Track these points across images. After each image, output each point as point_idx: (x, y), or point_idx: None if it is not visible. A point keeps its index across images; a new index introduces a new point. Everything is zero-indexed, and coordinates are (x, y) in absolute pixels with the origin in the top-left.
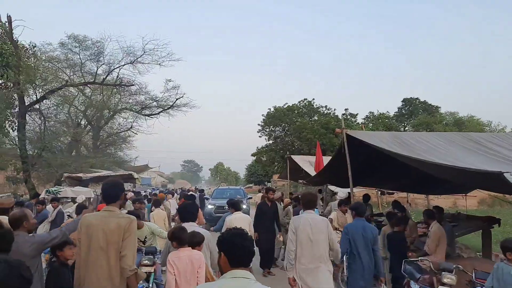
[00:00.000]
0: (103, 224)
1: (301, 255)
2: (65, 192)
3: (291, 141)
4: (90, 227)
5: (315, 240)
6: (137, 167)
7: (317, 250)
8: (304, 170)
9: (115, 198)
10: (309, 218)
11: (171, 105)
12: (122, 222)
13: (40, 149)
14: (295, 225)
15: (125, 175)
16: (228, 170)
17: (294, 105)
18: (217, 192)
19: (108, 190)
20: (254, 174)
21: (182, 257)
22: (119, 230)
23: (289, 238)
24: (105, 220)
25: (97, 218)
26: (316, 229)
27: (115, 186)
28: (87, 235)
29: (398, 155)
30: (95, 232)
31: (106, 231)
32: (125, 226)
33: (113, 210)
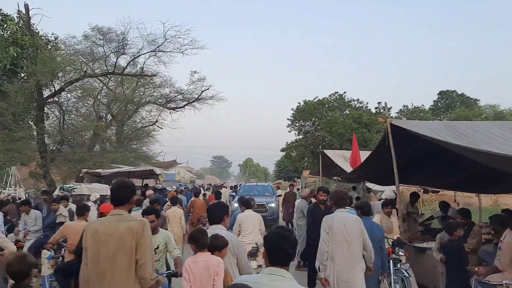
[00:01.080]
0: (112, 229)
1: (336, 256)
2: (80, 189)
3: (322, 136)
4: (97, 234)
5: (350, 240)
6: (165, 163)
7: (353, 250)
8: (338, 165)
9: (125, 201)
10: (342, 217)
11: (197, 97)
12: (134, 225)
13: (59, 143)
14: (329, 225)
15: (147, 171)
16: (257, 166)
17: (325, 98)
18: (244, 189)
19: (117, 191)
20: (284, 170)
21: (199, 262)
22: (131, 235)
23: (322, 238)
24: (114, 225)
25: (104, 224)
26: (350, 229)
27: (125, 187)
28: (94, 243)
29: (459, 148)
30: (103, 239)
31: (116, 237)
32: (138, 229)
33: (122, 213)
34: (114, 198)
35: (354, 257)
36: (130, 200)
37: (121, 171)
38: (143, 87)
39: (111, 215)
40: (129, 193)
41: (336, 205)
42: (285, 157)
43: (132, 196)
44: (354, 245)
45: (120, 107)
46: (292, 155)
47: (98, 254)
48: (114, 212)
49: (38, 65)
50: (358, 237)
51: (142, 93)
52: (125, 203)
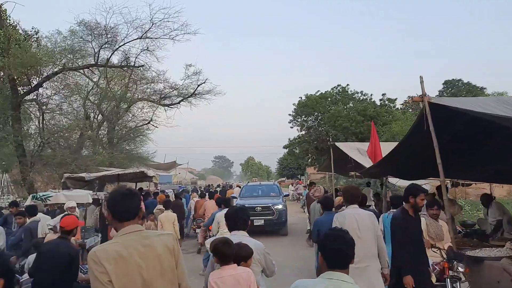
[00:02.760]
0: (145, 251)
1: None
2: (56, 198)
3: (325, 130)
4: (123, 260)
5: (363, 237)
6: (165, 164)
7: (366, 248)
8: (353, 159)
9: (135, 213)
10: (354, 214)
11: (193, 92)
12: (167, 240)
13: (39, 146)
14: (340, 222)
15: (138, 173)
16: (259, 164)
17: (327, 92)
18: (246, 190)
19: (121, 203)
20: (287, 167)
21: (226, 277)
22: (169, 253)
23: None
24: (144, 244)
25: (127, 246)
26: (363, 225)
27: (130, 195)
28: (121, 273)
29: None
30: (134, 265)
31: (153, 259)
32: (174, 245)
33: (141, 228)
34: (119, 212)
35: (367, 255)
36: (138, 212)
37: (107, 174)
38: (134, 83)
39: (127, 233)
40: (137, 203)
41: (348, 201)
42: (288, 154)
43: (140, 207)
44: (367, 243)
45: (111, 105)
46: (296, 152)
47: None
48: (128, 229)
49: (9, 58)
50: (371, 234)
51: (134, 89)
52: (135, 216)
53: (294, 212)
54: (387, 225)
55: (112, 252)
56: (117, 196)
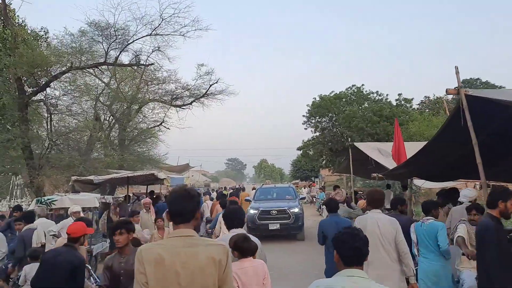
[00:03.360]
0: (185, 257)
1: (374, 259)
2: (61, 202)
3: (340, 131)
4: (163, 264)
5: (385, 243)
6: (177, 167)
7: (388, 253)
8: (373, 160)
9: (189, 216)
10: (376, 218)
11: (205, 92)
12: (215, 252)
13: (47, 148)
14: (361, 226)
15: (148, 176)
16: (272, 166)
17: (342, 92)
18: (261, 192)
19: (177, 204)
20: (300, 169)
21: (247, 268)
22: (214, 266)
23: None
24: (187, 251)
25: (169, 249)
26: (385, 230)
27: (188, 197)
28: (160, 276)
29: None
30: (172, 271)
31: (192, 269)
32: (222, 258)
33: (192, 234)
34: (174, 214)
35: (390, 260)
36: (195, 215)
37: (116, 177)
38: (146, 83)
39: (176, 236)
40: (194, 206)
41: (371, 205)
42: (302, 156)
43: (198, 209)
44: (390, 248)
45: (122, 107)
46: (310, 154)
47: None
48: (178, 232)
49: (15, 57)
50: (393, 239)
51: (145, 90)
52: (190, 219)
53: (310, 215)
54: (423, 235)
55: (155, 253)
56: (174, 197)
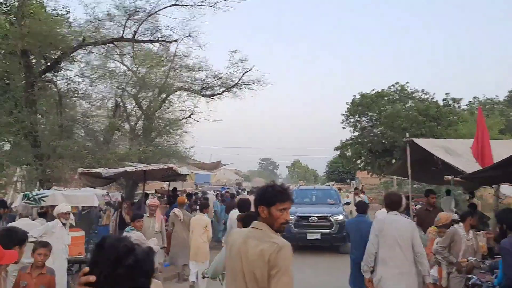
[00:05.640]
0: (244, 248)
1: (389, 259)
2: (53, 198)
3: (381, 132)
4: (233, 249)
5: (403, 244)
6: (209, 164)
7: (405, 254)
8: (440, 159)
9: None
10: (393, 220)
11: (237, 81)
12: (266, 249)
13: (57, 135)
14: (379, 228)
15: (166, 170)
16: (306, 167)
17: (384, 90)
18: (297, 195)
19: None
20: (335, 171)
21: None
22: (262, 262)
23: (371, 240)
24: (249, 242)
25: (239, 238)
26: (402, 232)
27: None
28: (228, 260)
29: None
30: (235, 259)
31: (245, 260)
32: (270, 256)
33: (261, 227)
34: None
35: (407, 261)
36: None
37: (129, 170)
38: (172, 69)
39: (252, 227)
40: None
41: (389, 207)
42: (339, 157)
43: (258, 205)
44: (407, 249)
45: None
46: (347, 155)
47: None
48: (254, 223)
49: (21, 29)
50: (410, 241)
51: (173, 77)
52: (259, 214)
53: None
54: None
55: (232, 238)
56: (258, 189)
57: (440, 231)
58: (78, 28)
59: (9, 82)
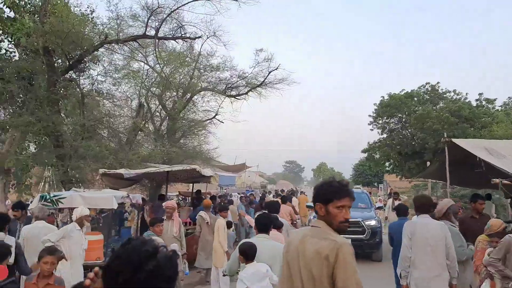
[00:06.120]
0: (302, 247)
1: (420, 262)
2: (70, 200)
3: (411, 133)
4: (291, 248)
5: (434, 247)
6: (234, 166)
7: (437, 258)
8: (483, 161)
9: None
10: (425, 223)
11: (263, 80)
12: (325, 247)
13: (80, 135)
14: (411, 231)
15: (190, 172)
16: (331, 170)
17: (413, 91)
18: None
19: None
20: (362, 174)
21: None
22: (318, 260)
23: (404, 244)
24: (307, 241)
25: (296, 236)
26: (434, 234)
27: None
28: (286, 260)
29: None
30: (292, 257)
31: (302, 260)
32: (329, 255)
33: (319, 225)
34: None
35: (438, 265)
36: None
37: (151, 171)
38: (196, 68)
39: (311, 225)
40: (313, 199)
41: (419, 211)
42: (367, 159)
43: (315, 202)
44: (438, 252)
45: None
46: (375, 157)
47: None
48: (313, 221)
49: (43, 26)
50: (442, 243)
51: (198, 77)
52: (317, 211)
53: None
54: None
55: (291, 237)
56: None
57: (491, 241)
58: (101, 26)
59: (32, 82)
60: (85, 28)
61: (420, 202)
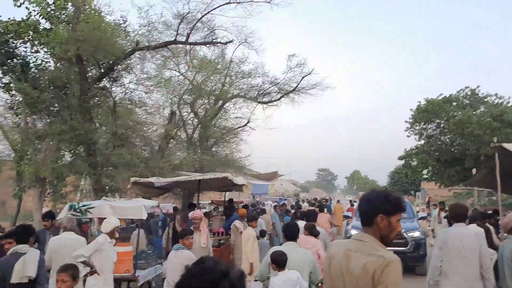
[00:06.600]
0: (346, 263)
1: (452, 273)
2: (99, 210)
3: (450, 139)
4: (332, 263)
5: (468, 257)
6: (265, 175)
7: (470, 268)
8: None
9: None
10: (459, 232)
11: (296, 86)
12: (371, 263)
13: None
14: (443, 240)
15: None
16: (365, 178)
17: (452, 95)
18: None
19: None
20: (399, 182)
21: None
22: (365, 278)
23: (434, 254)
24: (353, 256)
25: (338, 251)
26: (468, 244)
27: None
28: (329, 275)
29: None
30: (337, 272)
31: (349, 275)
32: (374, 271)
33: (365, 239)
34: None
35: (471, 275)
36: (374, 220)
37: (182, 180)
38: (228, 75)
39: (355, 239)
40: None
41: (454, 219)
42: (404, 167)
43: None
44: (471, 262)
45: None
46: (413, 164)
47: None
48: (357, 235)
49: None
50: (477, 254)
51: (229, 84)
52: (370, 223)
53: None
54: None
55: (331, 251)
56: (361, 198)
57: None
58: (132, 33)
59: (67, 91)
60: (118, 37)
61: (455, 211)
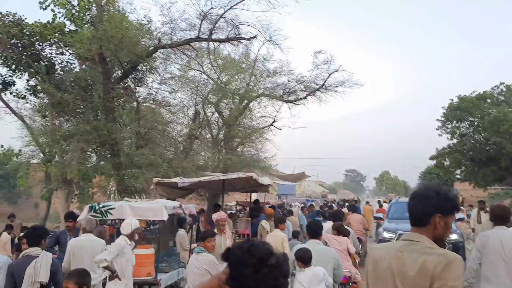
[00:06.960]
0: (398, 264)
1: (493, 276)
2: (119, 211)
3: (485, 138)
4: (378, 265)
5: (509, 261)
6: (292, 176)
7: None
8: None
9: (424, 220)
10: (499, 234)
11: (322, 83)
12: (430, 260)
13: (135, 144)
14: (482, 243)
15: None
16: (395, 179)
17: (486, 92)
18: (396, 209)
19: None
20: (430, 182)
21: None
22: (424, 277)
23: (472, 255)
24: (400, 257)
25: (388, 252)
26: (509, 247)
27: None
28: (374, 279)
29: None
30: (385, 275)
31: (402, 277)
32: (434, 269)
33: (419, 240)
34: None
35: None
36: (429, 220)
37: (206, 180)
38: (253, 74)
39: (404, 239)
40: (427, 208)
41: (495, 221)
42: (436, 167)
43: (432, 214)
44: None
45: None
46: (445, 164)
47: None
48: (407, 235)
49: (99, 32)
50: None
51: (254, 83)
52: (424, 223)
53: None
54: None
55: (375, 253)
56: (410, 198)
57: None
58: (154, 32)
59: (92, 92)
60: (141, 36)
61: (496, 213)
